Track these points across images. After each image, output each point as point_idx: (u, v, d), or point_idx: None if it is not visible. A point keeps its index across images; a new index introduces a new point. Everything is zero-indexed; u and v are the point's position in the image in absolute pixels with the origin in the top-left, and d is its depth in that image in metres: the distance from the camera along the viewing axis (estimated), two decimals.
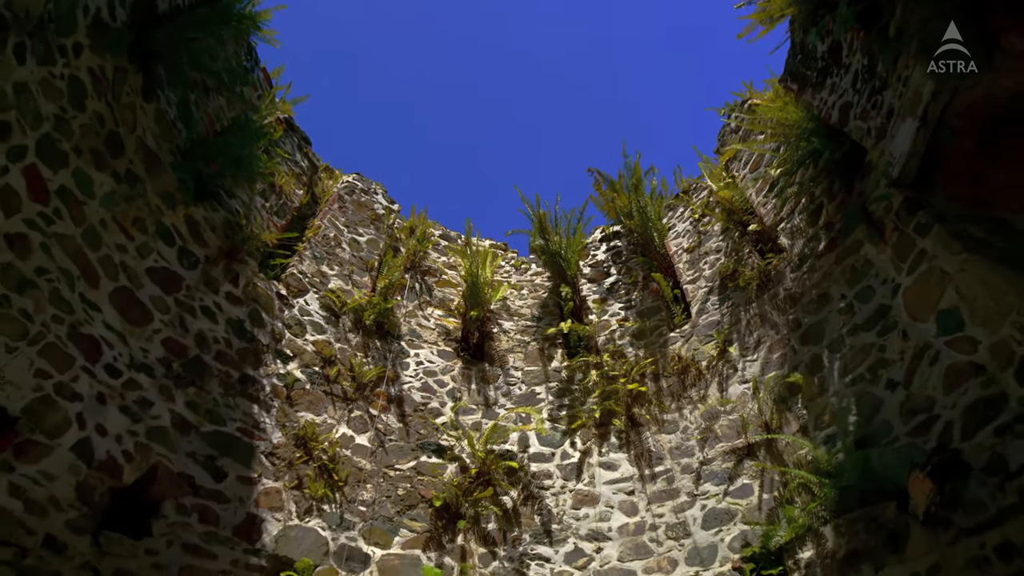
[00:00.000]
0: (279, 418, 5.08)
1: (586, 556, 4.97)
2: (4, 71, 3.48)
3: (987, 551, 3.41)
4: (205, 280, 5.08)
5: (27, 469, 3.51)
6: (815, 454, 4.42)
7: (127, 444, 4.12)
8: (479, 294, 6.81)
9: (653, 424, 5.64)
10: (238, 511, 4.45)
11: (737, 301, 5.86)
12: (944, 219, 4.21)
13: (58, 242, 3.94)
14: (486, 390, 6.32)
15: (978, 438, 3.63)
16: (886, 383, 4.31)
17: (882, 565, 3.82)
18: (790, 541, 4.32)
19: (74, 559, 3.58)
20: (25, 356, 3.63)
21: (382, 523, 4.97)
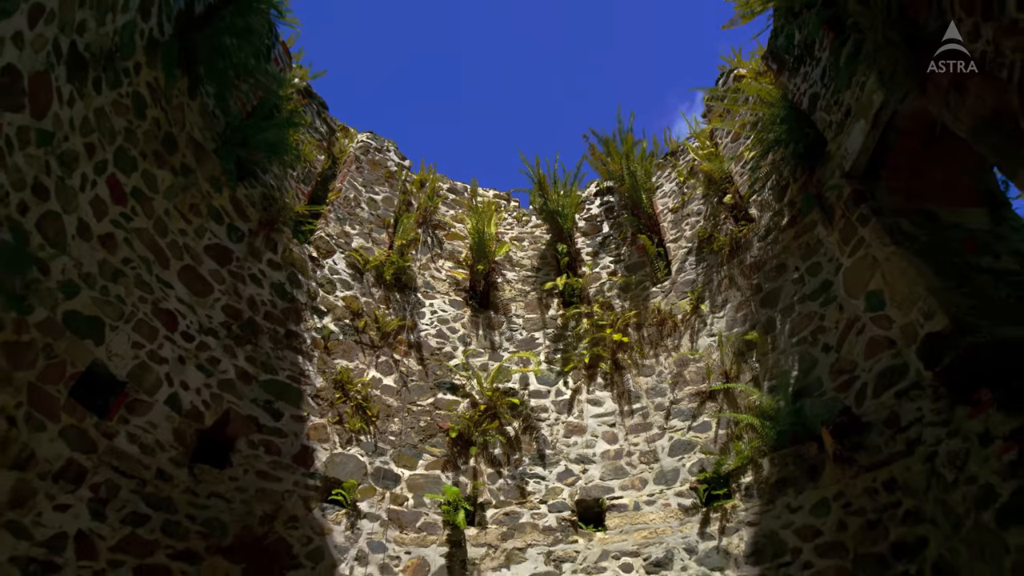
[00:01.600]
0: (319, 365, 6.05)
1: (574, 476, 6.11)
2: (87, 102, 4.12)
3: (877, 484, 4.46)
4: (250, 251, 5.88)
5: (138, 420, 4.50)
6: (761, 401, 5.40)
7: (204, 395, 5.09)
8: (485, 248, 7.59)
9: (633, 368, 6.63)
10: (294, 443, 5.51)
11: (711, 263, 6.66)
12: (882, 212, 4.93)
13: (136, 235, 4.71)
14: (492, 335, 7.27)
15: (882, 398, 4.59)
16: (822, 346, 5.22)
17: (802, 490, 4.90)
18: (736, 468, 5.41)
19: (179, 486, 4.64)
20: (124, 332, 4.51)
21: (408, 450, 6.08)
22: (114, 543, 4.14)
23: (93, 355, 4.22)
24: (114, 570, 4.09)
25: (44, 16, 3.45)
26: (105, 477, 4.18)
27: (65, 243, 4.02)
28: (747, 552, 4.97)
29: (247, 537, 4.79)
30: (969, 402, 3.97)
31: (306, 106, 7.27)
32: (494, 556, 5.49)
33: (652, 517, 5.57)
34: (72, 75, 3.89)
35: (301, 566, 4.91)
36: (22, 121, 3.53)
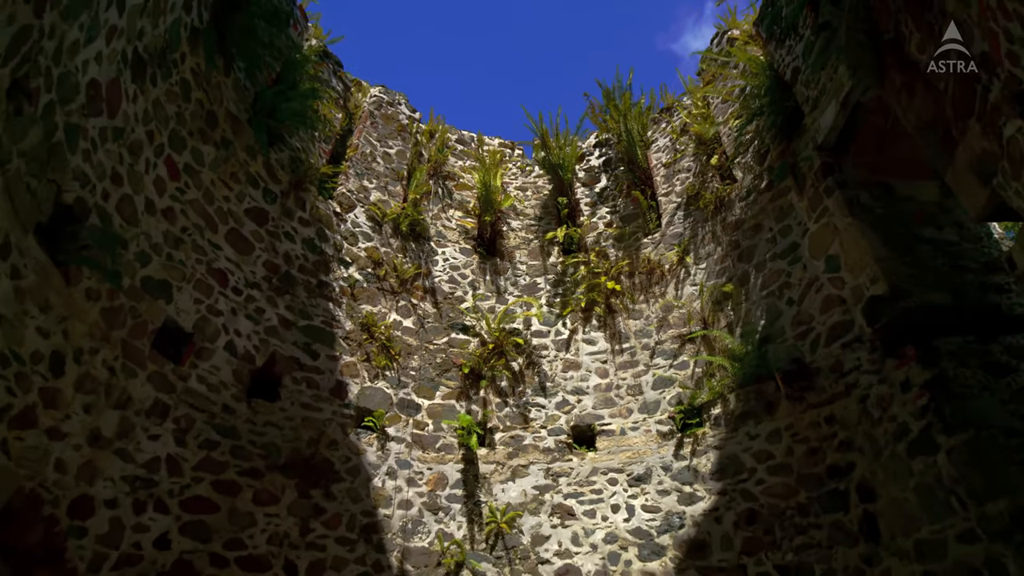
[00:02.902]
0: (347, 311, 6.84)
1: (570, 405, 7.05)
2: (146, 96, 4.68)
3: (820, 418, 5.35)
4: (283, 211, 6.52)
5: (204, 365, 5.34)
6: (732, 345, 6.22)
7: (254, 340, 5.91)
8: (491, 200, 8.17)
9: (624, 312, 7.41)
10: (330, 379, 6.39)
11: (697, 218, 7.28)
12: (846, 185, 5.54)
13: (189, 206, 5.37)
14: (498, 281, 8.01)
15: (831, 348, 5.40)
16: (787, 300, 5.98)
17: (760, 421, 5.80)
18: (707, 402, 6.30)
19: (240, 417, 5.55)
20: (187, 291, 5.27)
21: (427, 383, 6.98)
22: (195, 463, 5.09)
23: (166, 312, 5.00)
24: (197, 484, 5.06)
25: (116, 33, 3.97)
26: (183, 412, 5.07)
27: (137, 220, 4.71)
28: (712, 471, 5.95)
29: (297, 457, 5.75)
30: (897, 356, 4.77)
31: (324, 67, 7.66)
32: (502, 472, 6.51)
33: (635, 441, 6.54)
34: (135, 76, 4.43)
35: (342, 480, 5.91)
36: (103, 123, 4.14)
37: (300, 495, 5.59)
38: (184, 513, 4.90)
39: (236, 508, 5.22)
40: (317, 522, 5.58)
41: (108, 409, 4.43)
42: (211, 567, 4.93)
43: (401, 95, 8.93)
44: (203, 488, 5.08)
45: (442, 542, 5.89)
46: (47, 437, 3.92)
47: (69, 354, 4.06)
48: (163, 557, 4.70)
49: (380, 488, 6.03)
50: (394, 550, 5.77)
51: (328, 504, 5.71)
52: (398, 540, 5.83)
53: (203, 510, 5.03)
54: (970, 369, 4.45)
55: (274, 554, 5.27)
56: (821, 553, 5.02)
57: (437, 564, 5.80)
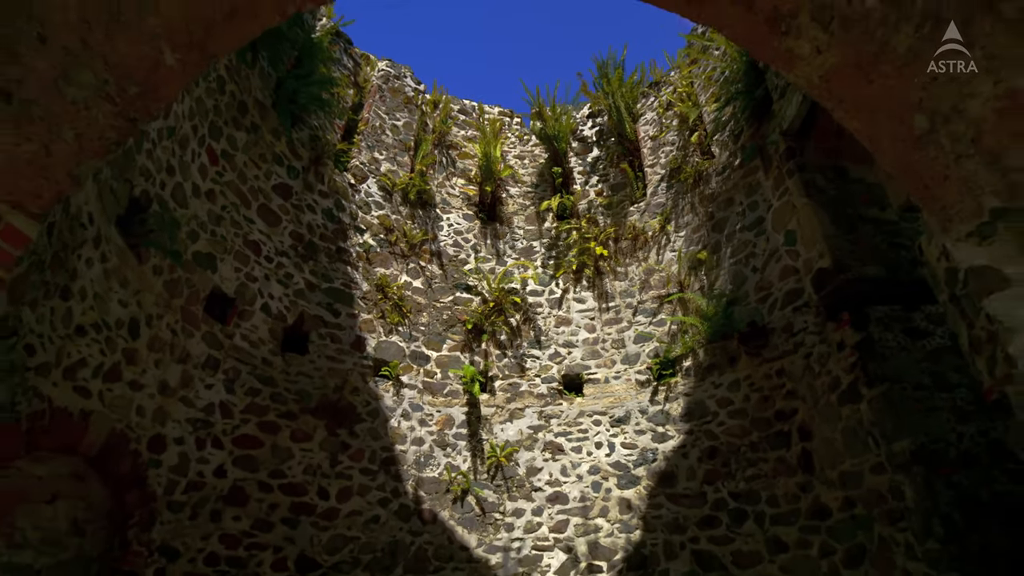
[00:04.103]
0: (363, 273, 7.63)
1: (561, 356, 7.93)
2: (191, 95, 5.31)
3: (772, 371, 6.22)
4: (305, 185, 7.21)
5: (246, 324, 6.17)
6: (704, 306, 7.03)
7: (285, 302, 6.73)
8: (491, 169, 8.79)
9: (611, 274, 8.19)
10: (350, 334, 7.24)
11: (679, 190, 7.95)
12: (805, 168, 6.22)
13: (227, 187, 6.08)
14: (497, 244, 8.74)
15: (785, 311, 6.21)
16: (752, 268, 6.75)
17: (724, 372, 6.68)
18: (680, 355, 7.17)
19: (277, 368, 6.43)
20: (228, 262, 6.04)
21: (435, 337, 7.84)
22: (242, 408, 5.99)
23: (213, 281, 5.79)
24: (244, 425, 5.98)
25: None
26: (231, 365, 5.94)
27: (187, 203, 5.43)
28: (682, 414, 6.87)
29: (326, 402, 6.66)
30: (836, 320, 5.58)
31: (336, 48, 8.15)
32: (501, 414, 7.45)
33: (617, 388, 7.46)
34: None
35: (364, 421, 6.85)
36: (159, 124, 4.81)
37: (329, 433, 6.53)
38: (236, 448, 5.84)
39: (277, 444, 6.17)
40: (344, 456, 6.54)
41: (172, 364, 5.29)
42: (259, 492, 5.91)
43: (407, 68, 9.42)
44: (250, 428, 6.00)
45: (450, 473, 6.88)
46: (129, 388, 4.78)
47: (142, 320, 4.88)
48: (221, 484, 5.67)
49: (396, 428, 6.97)
50: (409, 479, 6.76)
51: (352, 441, 6.67)
52: (412, 471, 6.81)
53: (250, 446, 5.97)
54: (892, 333, 5.27)
55: (309, 482, 6.25)
56: (766, 482, 5.99)
57: (446, 491, 6.81)
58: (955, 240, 1.73)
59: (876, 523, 5.00)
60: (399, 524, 6.46)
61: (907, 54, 1.68)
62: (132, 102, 1.95)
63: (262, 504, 5.88)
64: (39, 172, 1.79)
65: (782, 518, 5.77)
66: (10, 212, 1.77)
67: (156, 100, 2.03)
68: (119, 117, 1.94)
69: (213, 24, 1.97)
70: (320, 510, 6.18)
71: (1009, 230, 1.56)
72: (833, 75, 1.88)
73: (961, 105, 1.59)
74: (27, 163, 1.75)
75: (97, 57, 1.79)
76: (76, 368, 4.16)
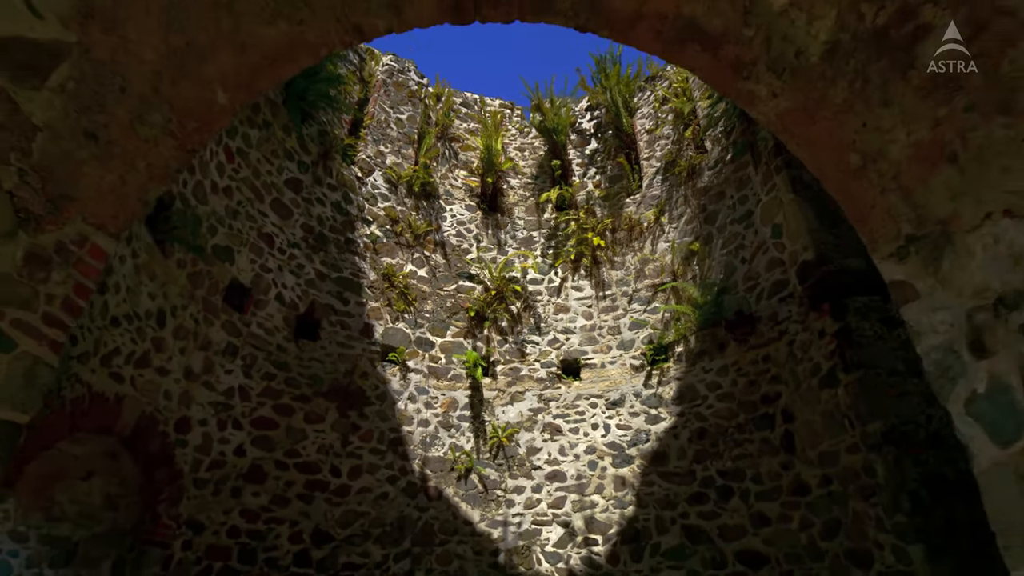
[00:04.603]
0: (371, 263, 7.98)
1: (559, 342, 8.32)
2: None
3: (758, 357, 6.59)
4: (315, 179, 7.53)
5: (261, 313, 6.54)
6: (695, 295, 7.39)
7: (297, 291, 7.09)
8: (493, 161, 9.09)
9: (607, 263, 8.54)
10: (359, 321, 7.62)
11: (673, 183, 8.27)
12: (791, 165, 6.53)
13: (242, 182, 6.41)
14: (499, 234, 9.08)
15: (771, 301, 6.58)
16: (741, 259, 7.09)
17: (713, 358, 7.06)
18: (673, 341, 7.55)
19: (291, 354, 6.81)
20: (244, 254, 6.40)
21: (439, 323, 8.22)
22: (259, 391, 6.39)
23: (231, 273, 6.15)
24: (261, 407, 6.38)
25: None
26: (248, 351, 6.33)
27: (206, 199, 5.77)
28: (674, 397, 7.27)
29: (337, 385, 7.06)
30: (817, 309, 5.95)
31: None
32: (502, 397, 7.86)
33: (613, 372, 7.86)
34: None
35: (373, 403, 7.25)
36: None
37: (340, 415, 6.94)
38: (254, 429, 6.25)
39: (292, 425, 6.57)
40: (354, 436, 6.96)
41: (196, 351, 5.68)
42: (276, 470, 6.33)
43: (410, 62, 9.68)
44: (266, 410, 6.40)
45: (454, 452, 7.31)
46: (158, 374, 5.17)
47: (168, 311, 5.25)
48: (241, 462, 6.09)
49: (403, 410, 7.38)
50: (416, 458, 7.19)
51: (362, 422, 7.08)
52: (419, 451, 7.24)
53: (267, 427, 6.38)
54: (869, 322, 5.64)
55: (322, 461, 6.67)
56: (752, 461, 6.40)
57: (451, 469, 7.24)
58: (880, 258, 2.08)
59: (851, 499, 5.41)
60: (406, 500, 6.89)
61: (843, 103, 2.00)
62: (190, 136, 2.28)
63: (279, 481, 6.30)
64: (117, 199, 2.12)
65: (765, 494, 6.19)
66: (95, 233, 2.11)
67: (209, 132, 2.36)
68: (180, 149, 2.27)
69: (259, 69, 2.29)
70: (333, 487, 6.61)
71: (919, 253, 1.90)
72: (786, 115, 2.21)
73: (884, 149, 1.92)
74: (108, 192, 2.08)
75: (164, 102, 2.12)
76: (111, 356, 4.53)
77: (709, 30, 2.16)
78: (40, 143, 1.84)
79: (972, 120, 1.62)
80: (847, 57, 1.92)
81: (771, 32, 2.04)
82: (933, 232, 1.81)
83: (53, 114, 1.84)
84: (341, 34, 2.35)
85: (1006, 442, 1.64)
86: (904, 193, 1.89)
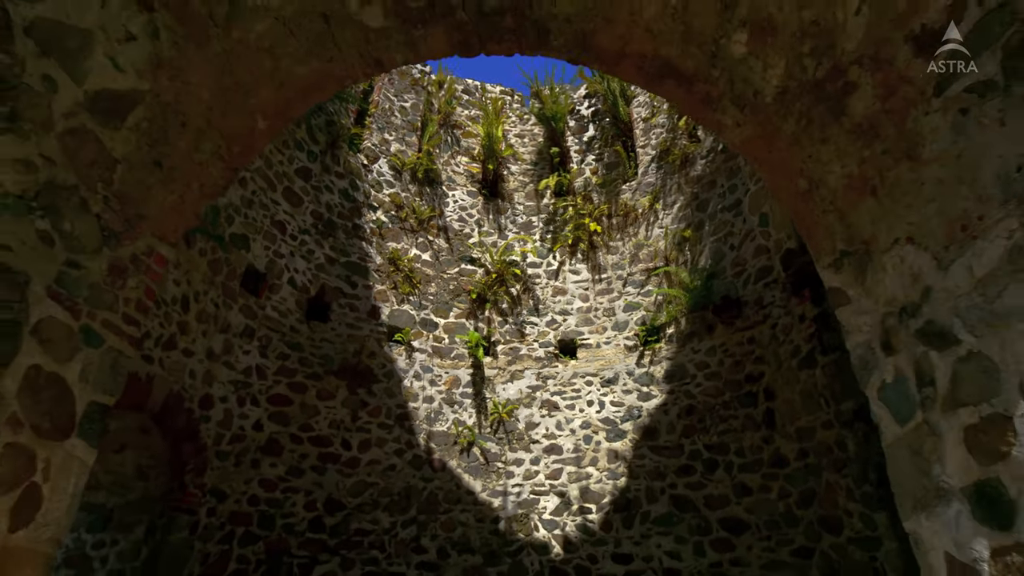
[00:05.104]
0: (377, 248, 8.37)
1: (557, 323, 8.75)
2: None
3: (744, 339, 7.02)
4: (323, 167, 7.88)
5: (275, 297, 6.95)
6: (686, 279, 7.79)
7: (308, 276, 7.49)
8: (493, 148, 9.40)
9: (604, 248, 8.92)
10: (367, 303, 8.03)
11: (667, 171, 8.61)
12: None
13: (256, 173, 6.75)
14: (499, 219, 9.44)
15: (757, 286, 6.98)
16: (729, 245, 7.48)
17: (702, 339, 7.49)
18: (664, 323, 7.98)
19: (303, 335, 7.23)
20: (259, 241, 6.78)
21: (442, 305, 8.64)
22: (274, 370, 6.83)
23: (247, 260, 6.55)
24: (277, 385, 6.83)
25: None
26: (264, 333, 6.75)
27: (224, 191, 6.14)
28: (664, 376, 7.72)
29: (346, 365, 7.50)
30: (799, 295, 6.36)
31: None
32: (502, 375, 8.32)
33: (608, 352, 8.30)
34: None
35: (380, 381, 7.70)
36: None
37: (350, 392, 7.40)
38: (270, 406, 6.70)
39: (305, 402, 7.03)
40: (363, 412, 7.42)
41: (216, 333, 6.10)
42: (291, 443, 6.80)
43: None
44: (281, 388, 6.86)
45: (457, 427, 7.79)
46: (183, 355, 5.59)
47: (191, 296, 5.65)
48: (259, 436, 6.56)
49: (409, 387, 7.85)
50: (421, 433, 7.67)
51: (370, 399, 7.54)
52: (424, 425, 7.72)
53: (282, 403, 6.83)
54: None
55: (333, 435, 7.15)
56: (735, 436, 6.87)
57: (454, 443, 7.73)
58: (822, 267, 2.47)
59: (824, 471, 5.89)
60: (413, 472, 7.39)
61: (792, 137, 2.37)
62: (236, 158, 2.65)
63: (294, 454, 6.78)
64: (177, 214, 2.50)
65: (747, 467, 6.67)
66: (159, 244, 2.50)
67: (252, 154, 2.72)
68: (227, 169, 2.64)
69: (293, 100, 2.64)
70: (344, 459, 7.09)
71: (850, 265, 2.29)
72: (748, 142, 2.58)
73: (824, 177, 2.30)
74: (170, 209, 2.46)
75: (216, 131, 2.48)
76: (143, 339, 4.95)
77: (683, 70, 2.52)
78: (119, 173, 2.21)
79: (887, 162, 2.00)
80: (794, 100, 2.28)
81: (733, 75, 2.40)
82: (859, 250, 2.20)
83: (129, 148, 2.21)
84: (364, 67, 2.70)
85: (903, 422, 2.06)
86: (839, 215, 2.27)
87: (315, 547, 6.58)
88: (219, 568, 5.93)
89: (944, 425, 1.81)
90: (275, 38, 2.37)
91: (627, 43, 2.57)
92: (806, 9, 2.04)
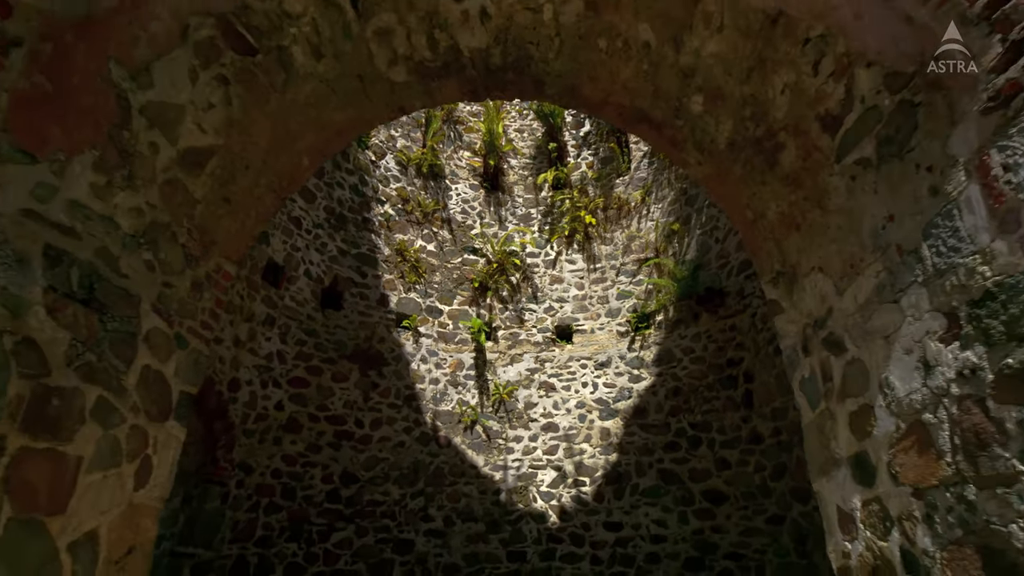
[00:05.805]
0: (385, 240, 8.95)
1: (554, 310, 9.36)
2: None
3: (726, 326, 7.66)
4: (335, 164, 8.41)
5: (292, 288, 7.55)
6: (675, 269, 8.39)
7: (322, 267, 8.08)
8: (494, 144, 9.91)
9: (598, 239, 9.50)
10: (376, 292, 8.64)
11: (659, 167, 9.14)
12: None
13: None
14: (500, 211, 10.00)
15: (739, 277, 7.58)
16: (715, 239, 8.06)
17: (689, 326, 8.11)
18: (654, 311, 8.59)
19: (318, 322, 7.85)
20: (278, 236, 7.36)
21: (447, 293, 9.25)
22: (293, 355, 7.46)
23: (267, 254, 7.13)
24: (295, 369, 7.46)
25: None
26: (283, 321, 7.37)
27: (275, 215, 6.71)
28: (654, 360, 8.37)
29: (358, 349, 8.14)
30: None
31: None
32: (503, 358, 8.96)
33: (601, 337, 8.94)
34: None
35: (390, 364, 8.34)
36: None
37: (362, 375, 8.04)
38: (290, 388, 7.35)
39: (321, 384, 7.68)
40: (374, 393, 8.07)
41: (242, 322, 6.72)
42: (309, 422, 7.46)
43: None
44: (300, 372, 7.49)
45: (461, 406, 8.45)
46: (214, 343, 6.22)
47: None
48: (280, 416, 7.21)
49: (416, 370, 8.49)
50: (428, 412, 8.33)
51: (381, 381, 8.19)
52: (430, 405, 8.38)
53: (301, 386, 7.48)
54: None
55: (347, 414, 7.80)
56: (717, 415, 7.53)
57: (458, 421, 8.40)
58: (764, 282, 3.06)
59: (795, 447, 6.55)
60: (420, 448, 8.07)
61: (740, 177, 2.94)
62: (284, 189, 3.22)
63: (312, 431, 7.44)
64: (239, 238, 3.08)
65: (727, 443, 7.35)
66: (226, 263, 3.09)
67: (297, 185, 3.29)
68: (276, 199, 3.22)
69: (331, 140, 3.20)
70: (357, 436, 7.77)
71: (783, 283, 2.88)
72: (707, 177, 3.15)
73: (765, 212, 2.87)
74: (234, 235, 3.04)
75: (270, 169, 3.05)
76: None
77: (653, 118, 3.07)
78: (199, 210, 2.79)
79: (807, 206, 2.58)
80: (741, 150, 2.84)
81: (694, 126, 2.96)
82: (789, 271, 2.79)
83: (206, 190, 2.78)
84: (389, 112, 3.25)
85: (814, 408, 2.67)
86: (776, 242, 2.86)
87: (332, 516, 7.28)
88: (248, 534, 6.61)
89: (838, 411, 2.43)
90: (320, 96, 2.93)
91: (608, 95, 3.12)
92: (745, 85, 2.61)
